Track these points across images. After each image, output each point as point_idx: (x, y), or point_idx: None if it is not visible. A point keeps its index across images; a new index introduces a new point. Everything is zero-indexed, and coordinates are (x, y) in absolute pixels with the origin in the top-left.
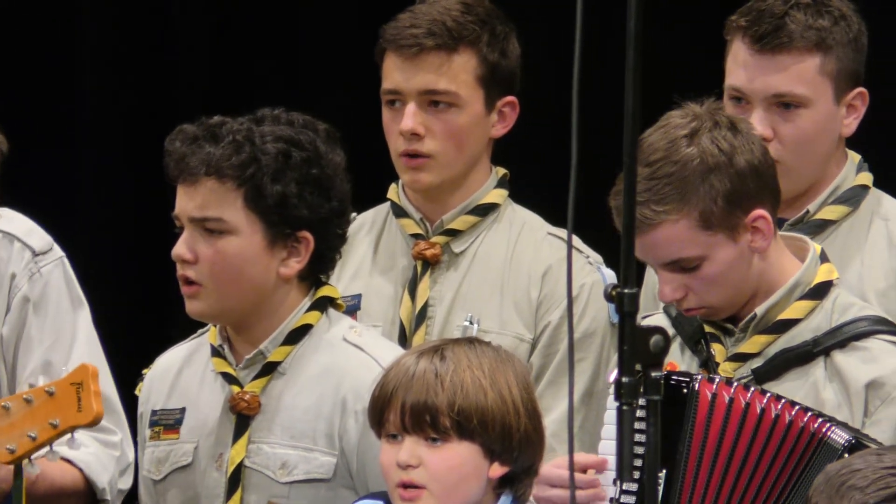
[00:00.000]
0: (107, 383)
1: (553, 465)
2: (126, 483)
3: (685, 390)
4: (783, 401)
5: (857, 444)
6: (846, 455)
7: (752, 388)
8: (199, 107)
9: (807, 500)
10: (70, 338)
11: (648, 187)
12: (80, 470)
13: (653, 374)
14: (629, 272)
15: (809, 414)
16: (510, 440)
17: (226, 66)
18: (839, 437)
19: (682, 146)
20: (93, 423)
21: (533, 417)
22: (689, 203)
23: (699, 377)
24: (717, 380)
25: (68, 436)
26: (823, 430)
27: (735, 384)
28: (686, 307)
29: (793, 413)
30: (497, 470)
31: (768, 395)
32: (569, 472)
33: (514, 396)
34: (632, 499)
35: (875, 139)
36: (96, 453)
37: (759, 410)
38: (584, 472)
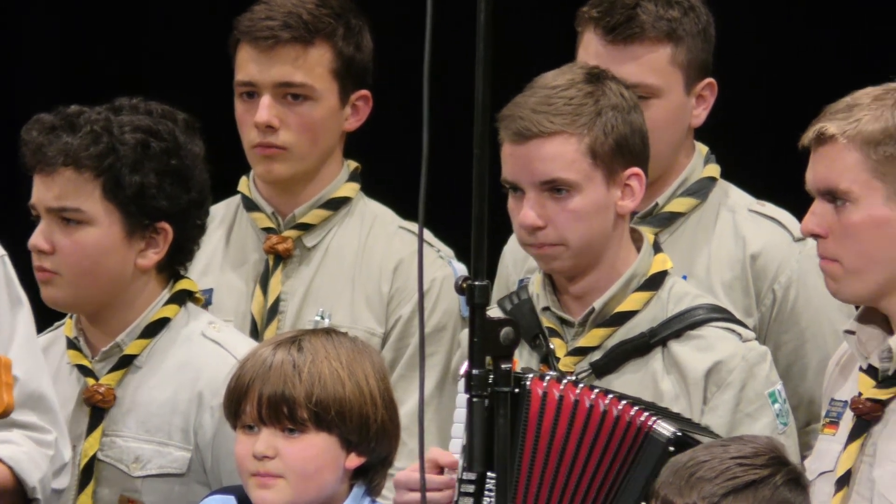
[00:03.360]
0: (43, 382)
1: (411, 469)
2: (62, 483)
3: (517, 390)
4: (611, 396)
5: (683, 436)
6: (671, 448)
7: (581, 385)
8: (46, 98)
9: (653, 493)
10: (7, 337)
11: (549, 102)
12: (10, 468)
13: (503, 365)
14: (480, 264)
15: (636, 408)
16: (367, 431)
17: (74, 56)
18: (664, 429)
19: (586, 80)
20: (4, 415)
21: (389, 408)
22: (584, 126)
23: (530, 375)
24: (548, 377)
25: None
26: (648, 423)
27: (565, 381)
28: (542, 241)
29: (619, 407)
30: (354, 461)
31: (596, 391)
32: (419, 467)
33: (371, 387)
34: (471, 488)
35: (722, 130)
36: (29, 452)
37: (587, 406)
38: (442, 471)
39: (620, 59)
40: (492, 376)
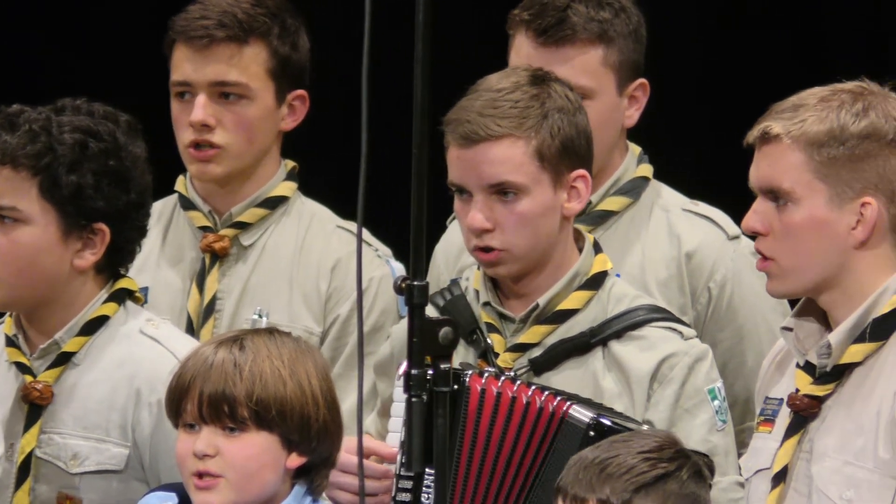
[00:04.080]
0: None
1: (345, 450)
2: None
3: (456, 386)
4: (547, 392)
5: (603, 422)
6: (591, 433)
7: (518, 381)
8: None
9: (559, 492)
10: None
11: (495, 105)
12: None
13: (442, 365)
14: (419, 264)
15: (559, 398)
16: (308, 431)
17: (11, 56)
18: (581, 415)
19: (531, 83)
20: None
21: (332, 408)
22: (532, 128)
23: (469, 372)
24: (486, 374)
25: None
26: (564, 408)
27: (502, 378)
28: (488, 243)
29: (555, 403)
30: (295, 460)
31: (533, 387)
32: (358, 460)
33: (313, 387)
34: (408, 484)
35: (654, 130)
36: None
37: (524, 402)
38: (368, 457)
39: (552, 62)
40: (430, 373)
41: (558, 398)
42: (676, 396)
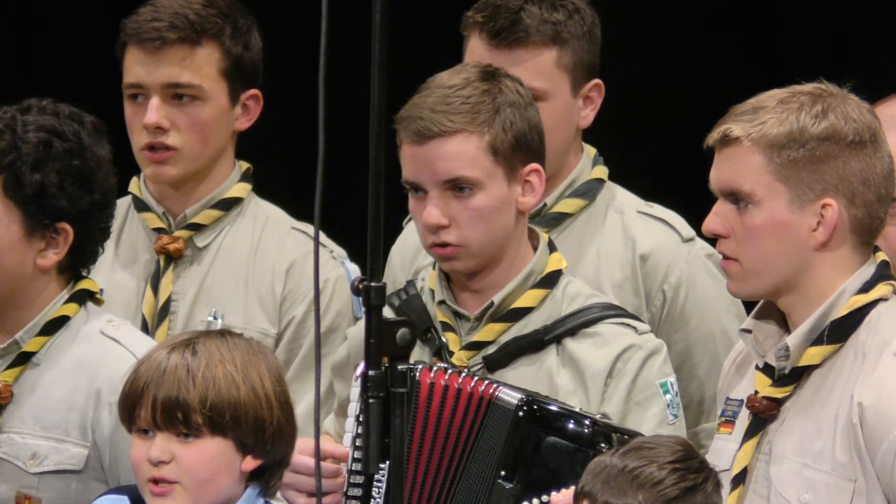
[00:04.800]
0: None
1: (297, 451)
2: None
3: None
4: (486, 382)
5: (533, 402)
6: (521, 413)
7: (464, 374)
8: None
9: (585, 496)
10: None
11: (447, 101)
12: None
13: (399, 366)
14: (376, 265)
15: (495, 385)
16: (263, 434)
17: None
18: (510, 397)
19: (481, 78)
20: None
21: (285, 410)
22: (484, 123)
23: (419, 367)
24: (435, 369)
25: None
26: (493, 391)
27: (450, 371)
28: (444, 240)
29: (483, 387)
30: (250, 463)
31: (476, 378)
32: (315, 460)
33: (266, 390)
34: (359, 491)
35: (610, 131)
36: None
37: (468, 392)
38: (325, 459)
39: (506, 64)
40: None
41: (495, 385)
42: (628, 389)
